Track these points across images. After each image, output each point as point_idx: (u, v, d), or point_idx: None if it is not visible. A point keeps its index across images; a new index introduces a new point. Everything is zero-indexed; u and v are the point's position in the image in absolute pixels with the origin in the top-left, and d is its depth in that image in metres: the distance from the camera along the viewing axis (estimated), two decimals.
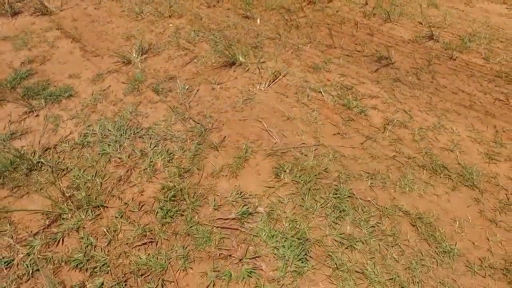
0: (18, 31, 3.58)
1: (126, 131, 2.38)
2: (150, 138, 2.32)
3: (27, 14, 3.87)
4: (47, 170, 2.15)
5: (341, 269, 1.62)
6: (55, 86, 2.85)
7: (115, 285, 1.60)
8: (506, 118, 2.43)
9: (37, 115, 2.59)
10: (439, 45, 3.15)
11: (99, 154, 2.24)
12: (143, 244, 1.76)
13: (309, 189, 1.97)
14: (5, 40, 3.45)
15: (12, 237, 1.81)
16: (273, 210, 1.87)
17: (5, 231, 1.84)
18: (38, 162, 2.20)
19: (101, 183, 2.06)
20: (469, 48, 3.09)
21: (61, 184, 2.05)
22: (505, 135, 2.31)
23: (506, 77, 2.77)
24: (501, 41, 3.18)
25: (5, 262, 1.70)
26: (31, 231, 1.83)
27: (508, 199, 1.91)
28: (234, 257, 1.69)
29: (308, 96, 2.62)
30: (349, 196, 1.93)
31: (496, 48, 3.09)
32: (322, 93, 2.63)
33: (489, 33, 3.28)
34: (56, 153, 2.28)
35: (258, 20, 3.51)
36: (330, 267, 1.64)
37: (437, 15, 3.60)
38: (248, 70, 2.89)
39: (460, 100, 2.59)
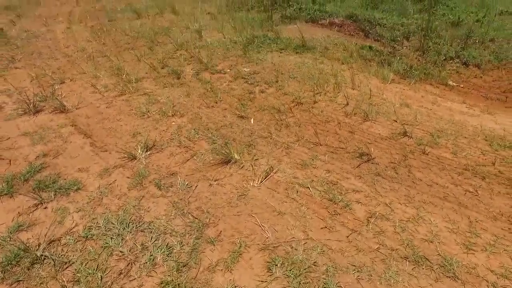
0: (37, 127, 3.97)
1: (128, 224, 2.56)
2: (151, 232, 2.49)
3: (47, 112, 4.33)
4: (50, 263, 2.26)
5: None
6: (65, 179, 3.09)
7: None
8: (477, 209, 2.66)
9: (46, 207, 2.77)
10: (412, 141, 3.53)
11: (102, 247, 2.37)
12: None
13: (300, 283, 2.08)
14: (25, 135, 3.82)
15: None
16: None
17: None
18: (42, 255, 2.32)
19: (101, 276, 2.16)
20: (439, 143, 3.47)
21: (62, 278, 2.15)
22: (478, 225, 2.51)
23: (472, 170, 3.08)
24: (465, 137, 3.58)
25: None
26: None
27: None
28: None
29: (297, 191, 2.88)
30: None
31: (461, 144, 3.47)
32: (310, 188, 2.90)
33: (454, 130, 3.71)
34: (60, 246, 2.41)
35: (252, 120, 3.96)
36: None
37: (409, 114, 4.06)
38: (242, 167, 3.20)
39: (435, 192, 2.85)
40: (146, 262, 2.24)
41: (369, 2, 8.45)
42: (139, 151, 3.39)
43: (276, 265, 2.20)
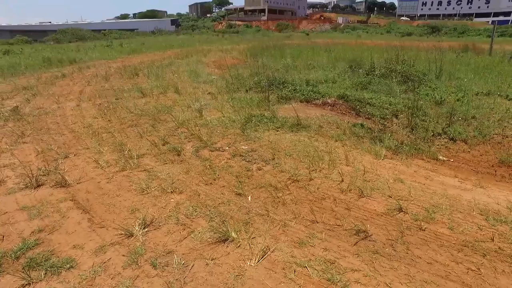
0: (36, 202, 3.99)
1: None
2: None
3: (48, 186, 4.39)
4: None
5: None
6: (58, 257, 3.02)
7: None
8: None
9: None
10: (408, 217, 3.55)
11: None
12: None
13: None
14: (23, 210, 3.82)
15: None
16: None
17: None
18: None
19: None
20: (435, 219, 3.49)
21: None
22: None
23: (472, 247, 3.06)
24: (460, 212, 3.61)
25: None
26: None
27: None
28: None
29: (294, 271, 2.82)
30: None
31: (457, 218, 3.49)
32: (308, 268, 2.85)
33: (449, 204, 3.75)
34: None
35: (249, 198, 4.01)
36: None
37: (403, 189, 4.14)
38: (239, 245, 3.16)
39: (436, 270, 2.79)
40: None
41: (358, 84, 9.17)
42: (137, 228, 3.38)
43: None
